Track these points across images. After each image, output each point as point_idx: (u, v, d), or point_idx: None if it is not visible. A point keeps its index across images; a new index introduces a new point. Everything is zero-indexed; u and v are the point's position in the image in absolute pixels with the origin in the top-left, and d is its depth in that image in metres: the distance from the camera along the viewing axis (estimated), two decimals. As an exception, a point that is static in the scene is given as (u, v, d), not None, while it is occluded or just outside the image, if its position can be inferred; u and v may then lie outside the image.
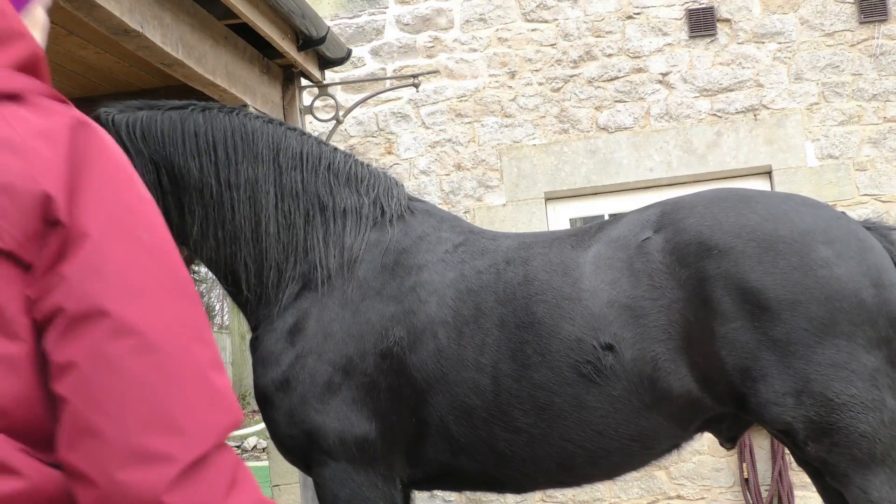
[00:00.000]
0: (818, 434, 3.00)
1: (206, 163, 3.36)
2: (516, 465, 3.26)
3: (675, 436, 3.24)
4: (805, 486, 7.00)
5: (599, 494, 7.19)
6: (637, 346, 3.09)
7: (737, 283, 3.02)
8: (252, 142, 3.41)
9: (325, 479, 3.26)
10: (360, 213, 3.41)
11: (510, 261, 3.30)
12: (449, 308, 3.25)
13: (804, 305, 2.98)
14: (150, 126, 3.35)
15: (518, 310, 3.20)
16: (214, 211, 3.34)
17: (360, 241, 3.35)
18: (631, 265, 3.16)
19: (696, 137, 7.45)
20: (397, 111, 7.72)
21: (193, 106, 3.45)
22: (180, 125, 3.37)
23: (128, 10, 3.71)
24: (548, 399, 3.15)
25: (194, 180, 3.34)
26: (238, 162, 3.38)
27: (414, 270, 3.33)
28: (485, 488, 3.49)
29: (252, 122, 3.46)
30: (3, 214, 1.16)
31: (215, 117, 3.42)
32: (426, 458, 3.31)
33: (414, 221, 3.47)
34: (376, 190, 3.49)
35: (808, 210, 3.16)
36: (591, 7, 7.62)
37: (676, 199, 3.35)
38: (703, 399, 3.11)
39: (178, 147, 3.34)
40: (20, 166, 1.18)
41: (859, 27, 7.34)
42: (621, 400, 3.12)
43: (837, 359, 2.97)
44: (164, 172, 3.34)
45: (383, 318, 3.26)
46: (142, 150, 3.32)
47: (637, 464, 3.35)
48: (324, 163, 3.48)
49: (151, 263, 1.21)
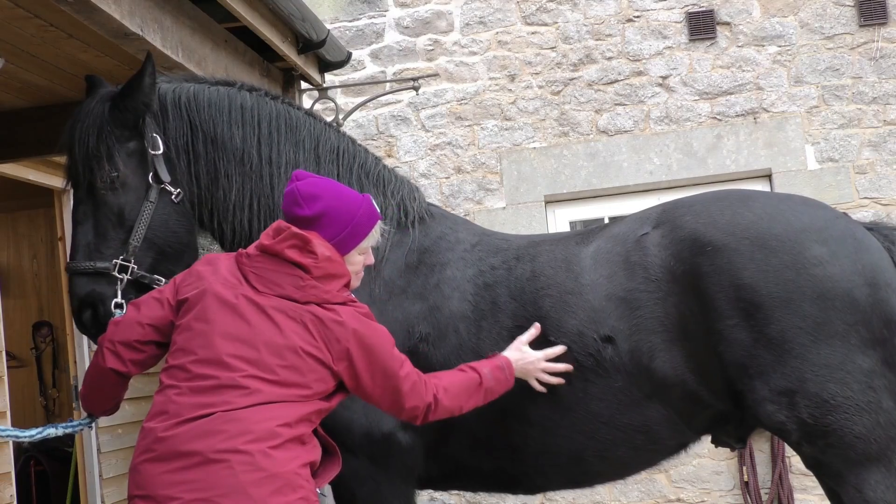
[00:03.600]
0: (813, 435, 3.01)
1: (249, 134, 3.39)
2: (530, 459, 3.29)
3: (680, 431, 3.24)
4: (805, 490, 7.00)
5: (600, 497, 7.19)
6: (633, 337, 3.12)
7: (730, 280, 3.03)
8: (295, 128, 3.46)
9: (344, 477, 3.26)
10: (385, 215, 3.45)
11: (520, 257, 3.35)
12: (468, 303, 3.30)
13: (797, 304, 2.98)
14: (197, 95, 3.39)
15: (527, 304, 3.25)
16: (253, 182, 3.36)
17: (386, 241, 3.39)
18: (627, 258, 3.19)
19: (696, 140, 7.46)
20: (397, 114, 7.72)
21: (241, 85, 3.51)
22: (227, 98, 3.41)
23: (128, 14, 3.71)
24: (557, 391, 3.19)
25: (236, 148, 3.37)
26: (280, 143, 3.42)
27: (437, 268, 3.38)
28: (498, 488, 3.52)
29: (296, 111, 3.53)
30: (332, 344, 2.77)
31: (262, 98, 3.48)
32: (445, 456, 3.34)
33: (433, 223, 3.53)
34: (401, 193, 3.55)
35: (805, 209, 3.16)
36: (591, 10, 7.63)
37: (679, 199, 3.39)
38: (699, 392, 3.13)
39: (224, 115, 3.37)
40: (340, 331, 2.75)
41: (859, 30, 7.34)
42: (623, 391, 3.15)
43: (832, 359, 2.96)
44: (202, 137, 3.35)
45: (409, 316, 3.31)
46: (183, 115, 3.34)
47: (645, 460, 3.37)
48: (358, 161, 3.54)
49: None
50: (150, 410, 2.74)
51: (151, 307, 2.90)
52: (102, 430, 6.53)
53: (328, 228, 2.84)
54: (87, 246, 3.20)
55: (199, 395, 2.64)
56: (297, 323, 2.72)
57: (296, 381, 2.69)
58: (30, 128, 5.42)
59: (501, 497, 7.21)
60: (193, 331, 2.74)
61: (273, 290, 2.75)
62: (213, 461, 2.55)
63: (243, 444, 2.57)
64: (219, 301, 2.75)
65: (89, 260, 3.17)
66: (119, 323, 2.93)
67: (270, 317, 2.72)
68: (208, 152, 3.35)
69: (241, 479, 2.54)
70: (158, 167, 3.26)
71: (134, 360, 2.90)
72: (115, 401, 3.08)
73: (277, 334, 2.70)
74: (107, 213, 3.22)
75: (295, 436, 2.67)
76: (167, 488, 2.56)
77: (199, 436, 2.58)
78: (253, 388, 2.64)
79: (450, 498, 7.40)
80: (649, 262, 3.15)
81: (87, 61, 4.74)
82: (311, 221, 2.83)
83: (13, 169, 6.09)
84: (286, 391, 2.67)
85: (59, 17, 4.07)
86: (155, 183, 3.25)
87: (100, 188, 3.23)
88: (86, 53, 4.64)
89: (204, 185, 3.35)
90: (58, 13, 3.86)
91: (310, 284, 2.76)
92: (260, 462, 2.57)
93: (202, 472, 2.55)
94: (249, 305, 2.73)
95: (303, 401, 2.70)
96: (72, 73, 4.89)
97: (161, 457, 2.59)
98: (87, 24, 3.66)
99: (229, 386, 2.64)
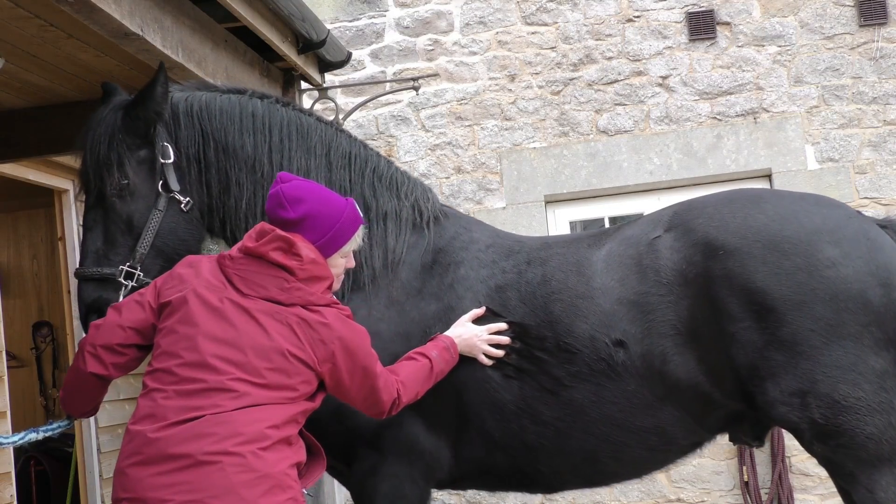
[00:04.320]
0: (824, 435, 3.01)
1: (260, 142, 3.41)
2: (545, 458, 3.30)
3: (694, 431, 3.25)
4: (805, 490, 7.00)
5: (600, 497, 7.19)
6: (645, 340, 3.12)
7: (742, 283, 3.03)
8: (306, 134, 3.48)
9: (366, 475, 3.29)
10: (400, 217, 3.48)
11: (531, 261, 3.36)
12: (480, 304, 3.31)
13: (809, 306, 2.98)
14: (209, 103, 3.41)
15: (538, 308, 3.26)
16: (264, 190, 3.36)
17: (402, 243, 3.43)
18: (639, 262, 3.19)
19: (696, 140, 7.46)
20: (397, 114, 7.72)
21: (252, 92, 3.53)
22: (238, 105, 3.43)
23: (128, 14, 3.71)
24: (569, 395, 3.20)
25: (247, 156, 3.38)
26: (292, 150, 3.44)
27: (451, 268, 3.40)
28: (515, 487, 3.53)
29: (307, 118, 3.54)
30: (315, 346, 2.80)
31: (273, 106, 3.50)
32: (464, 456, 3.35)
33: (447, 223, 3.56)
34: (414, 194, 3.57)
35: (817, 210, 3.15)
36: (590, 10, 7.63)
37: (690, 200, 3.38)
38: (712, 394, 3.13)
39: (235, 123, 3.39)
40: (326, 333, 2.78)
41: (859, 30, 7.34)
42: (636, 394, 3.16)
43: (844, 360, 2.96)
44: (213, 146, 3.36)
45: (425, 317, 3.33)
46: (195, 124, 3.36)
47: (660, 460, 3.38)
48: (370, 166, 3.55)
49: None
50: (134, 413, 2.74)
51: (133, 310, 2.90)
52: (103, 430, 6.53)
53: (312, 231, 2.86)
54: (96, 252, 3.23)
55: (187, 398, 2.65)
56: (283, 325, 2.75)
57: (283, 383, 2.72)
58: (30, 128, 5.42)
59: (501, 497, 7.22)
60: (178, 334, 2.75)
61: (258, 293, 2.77)
62: (205, 463, 2.56)
63: (234, 447, 2.58)
64: (203, 304, 2.76)
65: (97, 266, 3.21)
66: (100, 326, 2.93)
67: (256, 319, 2.74)
68: (220, 161, 3.37)
69: (232, 480, 2.55)
70: (168, 176, 3.28)
71: (115, 364, 2.91)
72: (95, 403, 3.09)
73: (264, 337, 2.72)
74: (116, 220, 3.25)
75: (283, 437, 2.69)
76: (157, 491, 2.56)
77: (189, 438, 2.59)
78: (241, 391, 2.66)
79: (450, 498, 7.39)
80: (661, 266, 3.15)
81: (87, 61, 4.73)
82: (295, 224, 2.85)
83: (13, 169, 6.09)
84: (274, 393, 2.70)
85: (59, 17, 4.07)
86: (164, 191, 3.27)
87: (110, 195, 3.25)
88: (86, 53, 4.63)
89: (215, 194, 3.37)
90: (58, 13, 3.86)
91: (295, 287, 2.78)
92: (252, 463, 2.59)
93: (193, 474, 2.56)
94: (235, 309, 2.75)
95: (290, 402, 2.73)
96: (72, 73, 4.89)
97: (150, 460, 2.60)
98: (87, 24, 3.66)
99: (217, 389, 2.65)
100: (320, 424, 3.36)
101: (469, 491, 7.08)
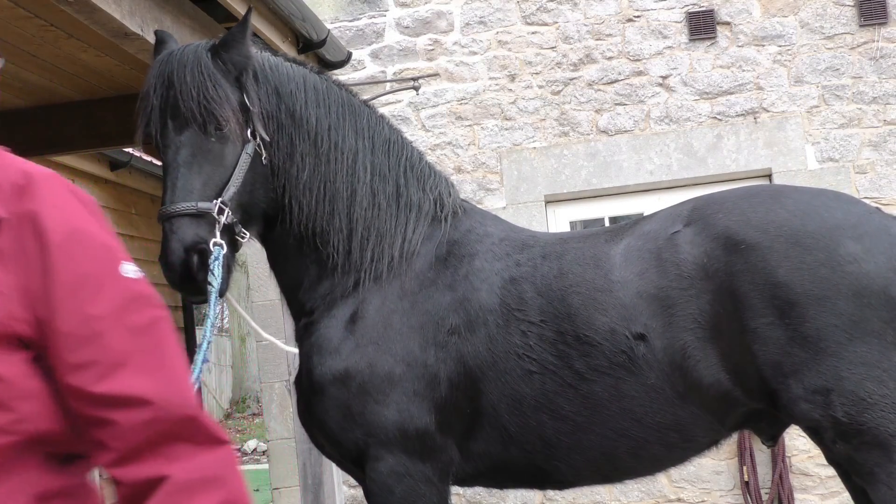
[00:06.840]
0: (847, 434, 2.99)
1: (322, 116, 3.41)
2: (563, 454, 3.28)
3: (714, 429, 3.24)
4: (805, 490, 7.00)
5: (600, 497, 7.19)
6: (667, 335, 3.11)
7: (764, 278, 3.02)
8: (358, 115, 3.50)
9: (380, 474, 3.26)
10: (422, 209, 3.49)
11: (546, 255, 3.36)
12: (496, 296, 3.30)
13: (832, 301, 2.97)
14: (278, 67, 3.42)
15: (555, 301, 3.24)
16: (322, 165, 3.38)
17: (419, 234, 3.43)
18: (659, 255, 3.18)
19: (697, 140, 7.46)
20: (397, 114, 7.72)
21: (312, 67, 3.54)
22: (303, 77, 3.44)
23: (128, 14, 3.71)
24: (588, 388, 3.19)
25: (311, 128, 3.39)
26: (345, 129, 3.46)
27: (466, 259, 3.39)
28: (528, 484, 3.51)
29: (357, 100, 3.57)
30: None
31: (330, 83, 3.52)
32: (478, 452, 3.33)
33: (464, 217, 3.56)
34: (438, 188, 3.58)
35: (838, 205, 3.14)
36: (591, 10, 7.63)
37: (710, 195, 3.38)
38: (733, 392, 3.11)
39: (302, 93, 3.40)
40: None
41: (859, 30, 7.34)
42: (656, 389, 3.15)
43: (869, 357, 2.95)
44: (284, 109, 3.37)
45: (440, 308, 3.31)
46: (270, 82, 3.36)
47: (678, 458, 3.36)
48: (405, 154, 3.58)
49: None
50: None
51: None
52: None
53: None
54: (186, 188, 3.15)
55: None
56: None
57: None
58: (30, 128, 5.43)
59: (501, 497, 7.22)
60: None
61: None
62: None
63: None
64: None
65: (190, 201, 3.13)
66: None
67: None
68: (287, 126, 3.37)
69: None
70: (257, 123, 3.28)
71: None
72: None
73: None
74: (210, 159, 3.21)
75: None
76: None
77: None
78: None
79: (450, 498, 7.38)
80: (682, 260, 3.14)
81: (87, 61, 4.74)
82: None
83: (13, 169, 6.08)
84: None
85: (59, 17, 4.07)
86: (252, 138, 3.27)
87: (206, 134, 3.20)
88: (86, 53, 4.64)
89: (281, 158, 3.36)
90: (58, 13, 3.86)
91: None
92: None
93: None
94: None
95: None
96: (72, 73, 4.89)
97: None
98: (88, 24, 3.67)
99: None
100: (327, 420, 3.35)
101: (469, 491, 7.10)
